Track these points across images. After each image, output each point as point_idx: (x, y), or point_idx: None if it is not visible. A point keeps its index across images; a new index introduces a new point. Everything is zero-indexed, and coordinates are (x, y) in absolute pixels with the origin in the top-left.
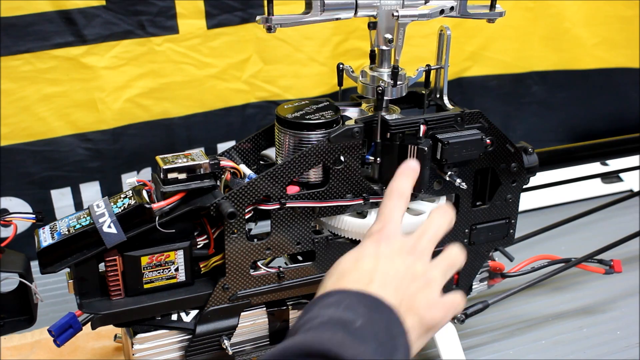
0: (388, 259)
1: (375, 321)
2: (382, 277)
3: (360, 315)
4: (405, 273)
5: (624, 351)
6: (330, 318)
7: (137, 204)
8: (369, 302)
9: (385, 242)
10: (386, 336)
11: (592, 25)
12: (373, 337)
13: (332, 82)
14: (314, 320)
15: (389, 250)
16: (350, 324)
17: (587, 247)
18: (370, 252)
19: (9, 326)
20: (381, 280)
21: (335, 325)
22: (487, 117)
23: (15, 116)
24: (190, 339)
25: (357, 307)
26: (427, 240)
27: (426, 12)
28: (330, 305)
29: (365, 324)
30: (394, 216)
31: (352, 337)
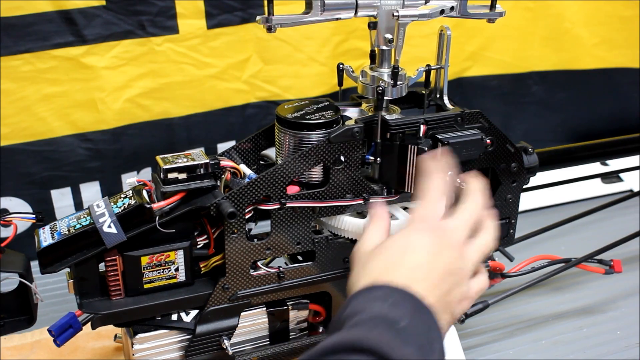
0: (436, 255)
1: (418, 323)
2: (429, 275)
3: (405, 316)
4: (448, 270)
5: (624, 351)
6: (377, 314)
7: (137, 203)
8: (413, 302)
9: (436, 233)
10: (425, 340)
11: (592, 25)
12: (415, 340)
13: (332, 82)
14: (361, 314)
15: (439, 244)
16: (396, 324)
17: (587, 247)
18: (422, 245)
19: (9, 326)
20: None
21: (382, 322)
22: (487, 117)
23: (15, 116)
24: (190, 339)
25: (402, 306)
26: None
27: (426, 12)
28: (377, 299)
29: (409, 325)
30: (440, 198)
31: (398, 337)
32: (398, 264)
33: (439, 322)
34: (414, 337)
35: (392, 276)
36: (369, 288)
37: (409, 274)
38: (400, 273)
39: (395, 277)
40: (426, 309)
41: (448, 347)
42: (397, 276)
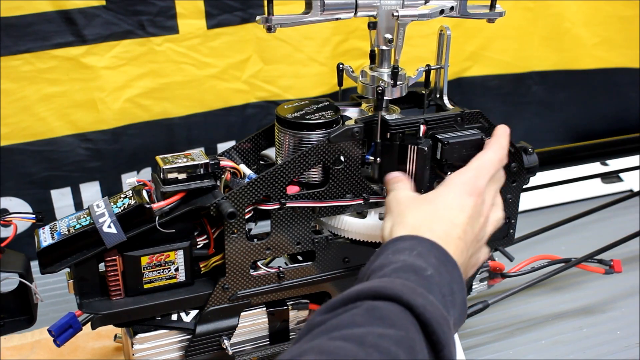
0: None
1: (442, 274)
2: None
3: (431, 265)
4: (476, 236)
5: (624, 351)
6: (403, 264)
7: (137, 204)
8: (439, 254)
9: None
10: (448, 290)
11: (592, 25)
12: (438, 289)
13: (332, 82)
14: (387, 266)
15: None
16: (422, 271)
17: (587, 247)
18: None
19: (9, 326)
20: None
21: (407, 271)
22: (487, 117)
23: (15, 116)
24: (190, 339)
25: (428, 257)
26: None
27: (426, 12)
28: (404, 250)
29: (434, 274)
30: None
31: (422, 285)
32: (440, 219)
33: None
34: (438, 286)
35: (428, 229)
36: (396, 239)
37: (447, 229)
38: (437, 229)
39: (431, 231)
40: (452, 261)
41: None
42: (433, 230)
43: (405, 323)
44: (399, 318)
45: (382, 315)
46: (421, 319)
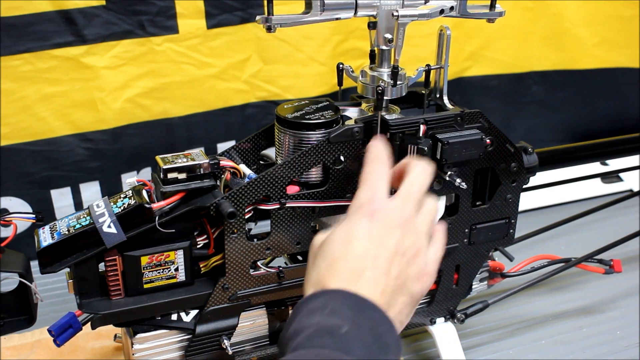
0: (379, 239)
1: (361, 324)
2: (374, 263)
3: (346, 320)
4: (395, 250)
5: (624, 351)
6: (317, 328)
7: (137, 203)
8: (353, 302)
9: (377, 216)
10: (372, 338)
11: (592, 25)
12: (359, 343)
13: (332, 82)
14: (302, 333)
15: (380, 227)
16: (336, 331)
17: (587, 247)
18: (362, 232)
19: (9, 326)
20: (373, 268)
21: (322, 336)
22: (487, 117)
23: (15, 116)
24: (190, 339)
25: (341, 310)
26: (412, 205)
27: (426, 12)
28: (316, 310)
29: (351, 329)
30: (380, 184)
31: (338, 348)
32: (340, 259)
33: (389, 313)
34: (358, 340)
35: (332, 276)
36: (308, 298)
37: (355, 268)
38: (345, 268)
39: (335, 277)
40: (369, 304)
41: (448, 347)
42: (338, 274)
43: None
44: None
45: None
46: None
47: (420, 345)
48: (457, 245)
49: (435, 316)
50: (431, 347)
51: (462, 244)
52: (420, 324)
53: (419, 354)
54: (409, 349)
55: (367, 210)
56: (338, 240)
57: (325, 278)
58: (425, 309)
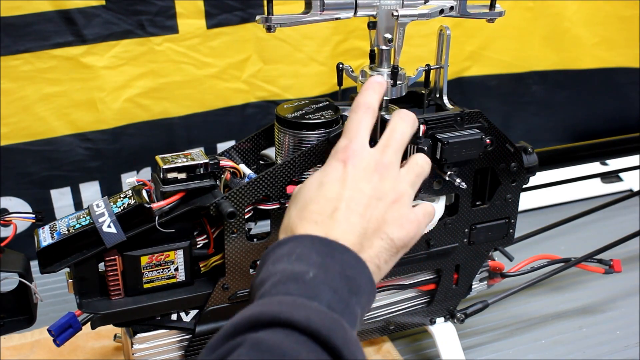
0: (354, 182)
1: (329, 267)
2: (347, 205)
3: (313, 265)
4: (371, 194)
5: (623, 351)
6: (282, 275)
7: (137, 203)
8: (321, 246)
9: (351, 161)
10: (342, 281)
11: (592, 25)
12: (327, 287)
13: (331, 82)
14: (267, 281)
15: (355, 171)
16: (302, 277)
17: (586, 247)
18: (336, 176)
19: (9, 326)
20: (345, 210)
21: (286, 282)
22: (487, 117)
23: (15, 116)
24: (190, 339)
25: (309, 256)
26: (393, 151)
27: (426, 11)
28: (282, 257)
29: (318, 273)
30: (360, 131)
31: (304, 293)
32: (314, 200)
33: (362, 254)
34: (325, 284)
35: (301, 220)
36: (275, 245)
37: (325, 209)
38: (317, 209)
39: (304, 220)
40: (339, 246)
41: (448, 347)
42: (307, 218)
43: (294, 347)
44: (286, 344)
45: (268, 347)
46: (308, 332)
47: (420, 345)
48: (457, 245)
49: (435, 316)
50: (431, 347)
51: (462, 243)
52: (420, 324)
53: (419, 354)
54: (409, 349)
55: (342, 155)
56: (310, 185)
57: (294, 223)
58: (425, 308)
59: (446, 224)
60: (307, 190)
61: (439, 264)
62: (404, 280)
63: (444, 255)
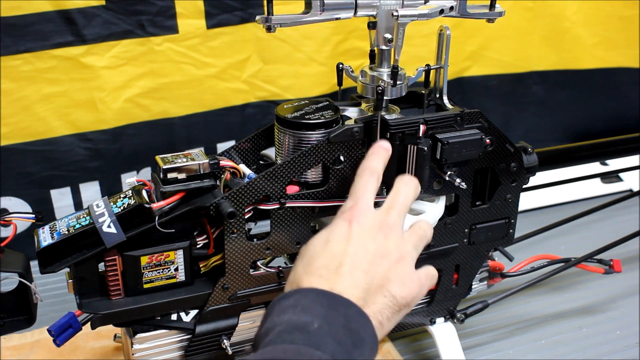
0: (359, 239)
1: (333, 320)
2: (352, 261)
3: (317, 317)
4: (376, 252)
5: (624, 351)
6: (287, 325)
7: (137, 203)
8: (325, 299)
9: (356, 219)
10: (345, 333)
11: (592, 25)
12: (331, 338)
13: (331, 82)
14: (273, 330)
15: (360, 230)
16: (307, 327)
17: (587, 247)
18: (342, 233)
19: (9, 326)
20: (350, 265)
21: (292, 332)
22: (487, 117)
23: (15, 116)
24: (190, 339)
25: (313, 308)
26: (397, 213)
27: (426, 11)
28: (287, 309)
29: (322, 325)
30: (366, 193)
31: (308, 343)
32: (319, 255)
33: (366, 310)
34: (329, 336)
35: (307, 274)
36: (280, 297)
37: (330, 264)
38: (322, 264)
39: (310, 275)
40: (343, 300)
41: (448, 347)
42: (312, 272)
43: None
44: None
45: None
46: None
47: (420, 345)
48: (457, 245)
49: (435, 316)
50: (431, 347)
51: (462, 243)
52: (420, 324)
53: (419, 354)
54: (409, 349)
55: (348, 215)
56: (317, 242)
57: (300, 277)
58: (425, 309)
59: (446, 224)
60: (313, 247)
61: (439, 264)
62: None
63: (444, 255)
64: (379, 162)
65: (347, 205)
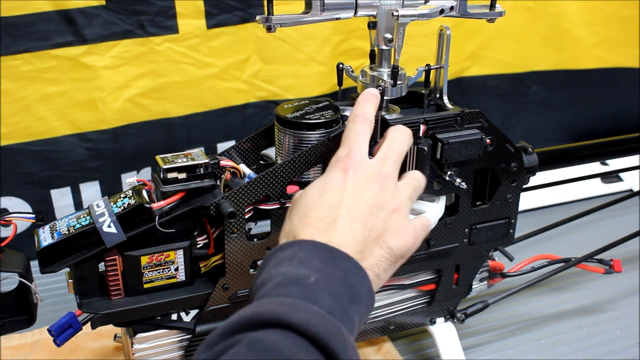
0: (354, 190)
1: (330, 274)
2: (348, 212)
3: (314, 270)
4: (372, 203)
5: (624, 351)
6: (283, 277)
7: (137, 203)
8: (323, 253)
9: (352, 169)
10: (342, 288)
11: (592, 25)
12: (328, 292)
13: (332, 82)
14: (269, 282)
15: (355, 179)
16: (304, 280)
17: (587, 247)
18: (337, 184)
19: (9, 326)
20: (347, 217)
21: (288, 284)
22: (487, 117)
23: (15, 116)
24: (190, 339)
25: (311, 261)
26: (392, 163)
27: (426, 11)
28: (284, 260)
29: (319, 279)
30: (359, 141)
31: (305, 297)
32: (315, 207)
33: (363, 263)
34: (326, 290)
35: (304, 226)
36: (277, 249)
37: (327, 216)
38: (318, 216)
39: (307, 227)
40: (341, 254)
41: (448, 347)
42: (309, 224)
43: (291, 348)
44: (284, 345)
45: (265, 347)
46: (307, 335)
47: (421, 345)
48: (457, 245)
49: (435, 316)
50: (431, 347)
51: (462, 243)
52: (420, 324)
53: (419, 354)
54: (409, 349)
55: (343, 164)
56: (312, 193)
57: (296, 229)
58: (425, 308)
59: (446, 224)
60: (309, 198)
61: (439, 264)
62: (404, 280)
63: (444, 255)
64: (370, 108)
65: (341, 154)
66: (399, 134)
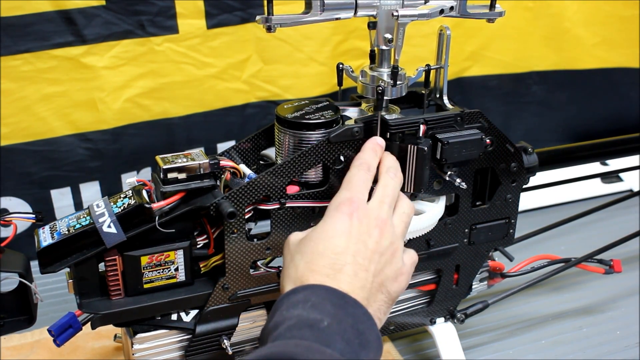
0: (358, 236)
1: (342, 319)
2: (354, 259)
3: (327, 315)
4: (374, 249)
5: (624, 351)
6: (297, 320)
7: (137, 203)
8: (335, 298)
9: (356, 215)
10: (353, 334)
11: (592, 25)
12: (340, 337)
13: (332, 82)
14: (282, 324)
15: (360, 225)
16: (317, 324)
17: (587, 247)
18: (343, 229)
19: (9, 326)
20: (353, 264)
21: (302, 328)
22: (487, 117)
23: (15, 116)
24: (190, 339)
25: (323, 305)
26: (388, 207)
27: (426, 11)
28: (297, 304)
29: (332, 323)
30: (362, 187)
31: (318, 340)
32: (320, 255)
33: (369, 309)
34: (339, 335)
35: (312, 272)
36: (289, 293)
37: (335, 264)
38: (325, 263)
39: (316, 272)
40: (351, 300)
41: (448, 347)
42: (318, 270)
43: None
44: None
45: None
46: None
47: (421, 345)
48: (457, 245)
49: (435, 316)
50: (431, 347)
51: (462, 244)
52: (420, 324)
53: (419, 354)
54: (409, 349)
55: (346, 209)
56: (317, 238)
57: (305, 274)
58: (425, 309)
59: (446, 224)
60: (314, 243)
61: (439, 264)
62: None
63: (444, 255)
64: (375, 159)
65: (343, 196)
66: (390, 179)
